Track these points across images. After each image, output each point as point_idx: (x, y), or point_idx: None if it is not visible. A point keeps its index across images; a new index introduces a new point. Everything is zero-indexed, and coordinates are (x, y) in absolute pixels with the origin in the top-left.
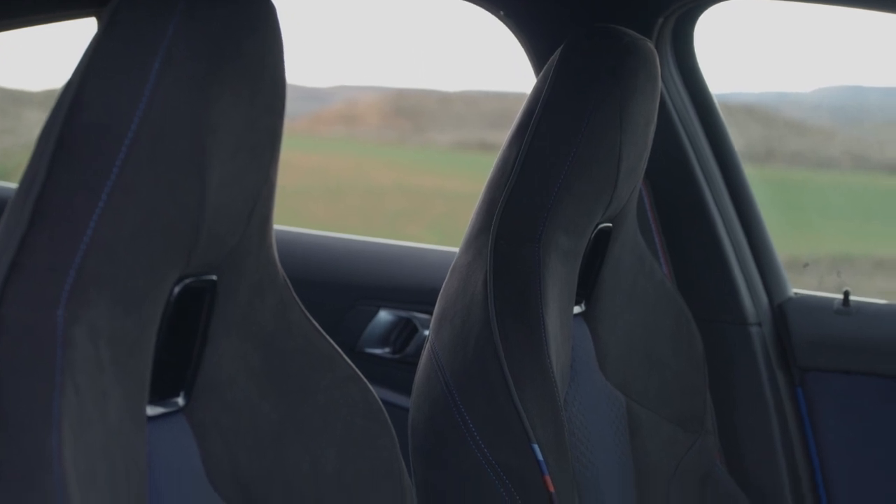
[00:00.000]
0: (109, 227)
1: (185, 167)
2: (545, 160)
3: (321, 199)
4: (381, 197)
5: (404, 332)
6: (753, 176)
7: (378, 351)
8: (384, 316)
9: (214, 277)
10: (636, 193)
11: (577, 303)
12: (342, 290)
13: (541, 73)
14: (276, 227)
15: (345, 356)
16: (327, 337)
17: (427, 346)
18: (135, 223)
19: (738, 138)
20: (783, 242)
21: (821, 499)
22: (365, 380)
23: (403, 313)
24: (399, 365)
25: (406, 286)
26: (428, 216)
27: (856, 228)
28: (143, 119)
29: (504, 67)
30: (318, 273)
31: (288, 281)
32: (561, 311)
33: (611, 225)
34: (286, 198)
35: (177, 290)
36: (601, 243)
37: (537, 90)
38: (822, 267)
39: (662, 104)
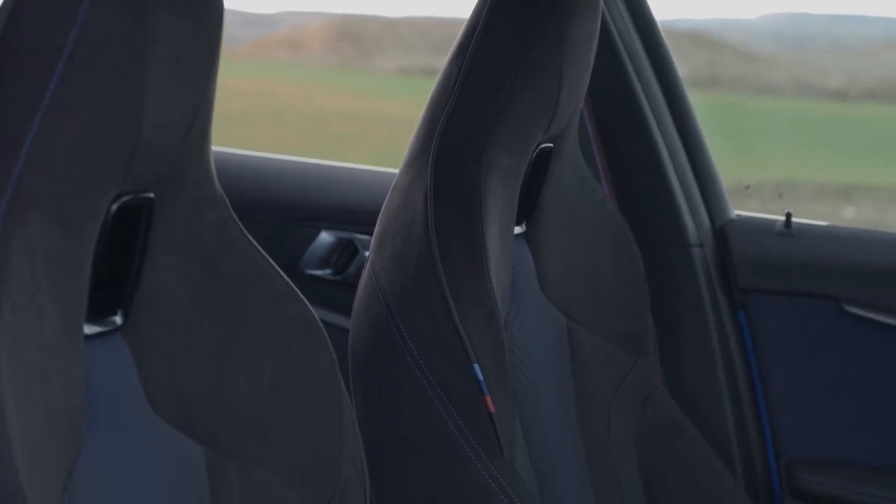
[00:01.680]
0: (46, 144)
1: (123, 83)
2: (486, 80)
3: (266, 124)
4: (326, 122)
5: (346, 253)
6: (697, 101)
7: (319, 272)
8: (325, 237)
9: (152, 195)
10: (577, 114)
11: (518, 223)
12: (283, 211)
13: None
14: (216, 148)
15: (283, 274)
16: (265, 255)
17: (367, 266)
18: (72, 140)
19: (683, 64)
20: (727, 168)
21: (762, 420)
22: (303, 298)
23: (344, 234)
24: (340, 286)
25: (347, 207)
26: (374, 141)
27: (799, 154)
28: (79, 35)
29: None
30: (258, 194)
31: (226, 199)
32: (501, 231)
33: (552, 145)
34: (231, 122)
35: (114, 207)
36: (542, 163)
37: (478, 10)
38: (766, 192)
39: (604, 25)
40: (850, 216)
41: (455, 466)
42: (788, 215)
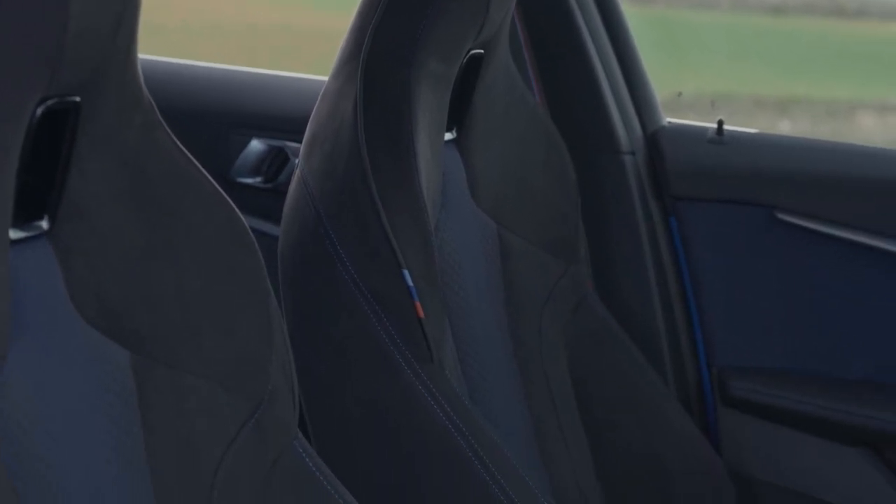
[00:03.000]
0: None
1: None
2: None
3: (203, 37)
4: (263, 35)
5: (276, 161)
6: (633, 13)
7: (250, 180)
8: (256, 145)
9: (78, 98)
10: (508, 19)
11: (449, 129)
12: (213, 119)
13: None
14: (145, 56)
15: (211, 179)
16: (193, 160)
17: (297, 172)
18: None
19: None
20: (662, 80)
21: (694, 328)
22: (231, 203)
23: (275, 142)
24: (271, 194)
25: (278, 115)
26: (313, 55)
27: (735, 68)
28: None
29: None
30: (188, 102)
31: (154, 104)
32: (432, 138)
33: (483, 51)
34: (167, 35)
35: (39, 111)
36: (473, 70)
37: None
38: (701, 106)
39: None
40: (786, 129)
41: (385, 372)
42: (720, 122)
